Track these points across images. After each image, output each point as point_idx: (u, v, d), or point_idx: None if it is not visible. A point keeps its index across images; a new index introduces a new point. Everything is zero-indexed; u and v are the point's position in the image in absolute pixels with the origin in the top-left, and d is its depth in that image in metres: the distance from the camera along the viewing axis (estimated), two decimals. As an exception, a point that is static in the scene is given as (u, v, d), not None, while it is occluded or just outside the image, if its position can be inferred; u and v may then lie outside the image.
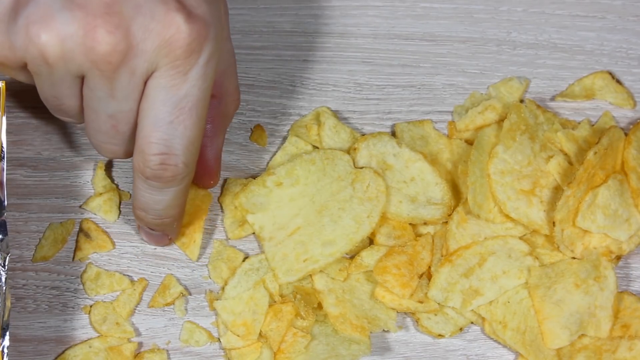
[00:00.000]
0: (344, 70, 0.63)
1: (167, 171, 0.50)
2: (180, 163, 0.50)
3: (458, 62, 0.63)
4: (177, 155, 0.49)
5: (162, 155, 0.49)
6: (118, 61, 0.47)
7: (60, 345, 0.57)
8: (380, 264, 0.57)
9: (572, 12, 0.65)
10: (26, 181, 0.59)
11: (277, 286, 0.57)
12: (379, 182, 0.57)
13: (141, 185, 0.51)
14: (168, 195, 0.52)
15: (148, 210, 0.53)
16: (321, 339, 0.56)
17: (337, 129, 0.60)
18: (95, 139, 0.51)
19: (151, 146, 0.49)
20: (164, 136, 0.49)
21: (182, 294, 0.58)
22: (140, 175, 0.50)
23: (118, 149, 0.52)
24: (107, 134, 0.51)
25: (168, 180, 0.50)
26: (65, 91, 0.49)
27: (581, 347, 0.56)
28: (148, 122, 0.49)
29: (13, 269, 0.57)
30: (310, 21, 0.64)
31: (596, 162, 0.57)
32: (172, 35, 0.47)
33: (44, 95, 0.51)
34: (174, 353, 0.57)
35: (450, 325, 0.57)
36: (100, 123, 0.50)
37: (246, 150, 0.61)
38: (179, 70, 0.48)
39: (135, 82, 0.48)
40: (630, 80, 0.63)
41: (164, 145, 0.49)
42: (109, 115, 0.49)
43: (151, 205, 0.53)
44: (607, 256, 0.57)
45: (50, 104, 0.51)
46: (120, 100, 0.49)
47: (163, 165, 0.50)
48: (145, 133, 0.49)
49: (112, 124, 0.50)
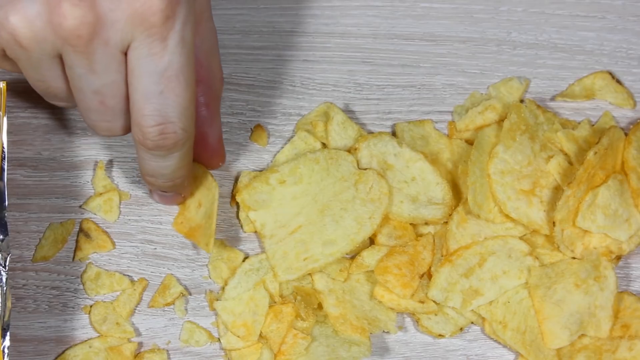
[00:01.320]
0: (344, 70, 0.63)
1: (168, 139, 0.50)
2: (178, 130, 0.50)
3: (458, 62, 0.63)
4: (174, 123, 0.49)
5: (160, 126, 0.49)
6: (88, 34, 0.46)
7: (60, 345, 0.57)
8: (381, 264, 0.57)
9: (572, 12, 0.65)
10: (26, 181, 0.59)
11: (278, 287, 0.57)
12: (382, 184, 0.57)
13: (145, 155, 0.51)
14: (173, 160, 0.52)
15: (157, 176, 0.53)
16: (321, 341, 0.56)
17: (345, 125, 0.60)
18: (88, 118, 0.51)
19: (147, 118, 0.49)
20: (157, 107, 0.49)
21: (182, 294, 0.58)
22: (142, 147, 0.50)
23: (112, 125, 0.51)
24: (97, 111, 0.50)
25: (170, 147, 0.50)
26: (47, 73, 0.49)
27: (581, 347, 0.56)
28: (139, 96, 0.48)
29: (13, 269, 0.57)
30: (310, 21, 0.64)
31: (596, 162, 0.57)
32: (144, 3, 0.47)
33: (31, 81, 0.51)
34: (174, 353, 0.57)
35: (451, 325, 0.57)
36: (87, 101, 0.50)
37: (246, 150, 0.61)
38: (156, 37, 0.47)
39: (111, 52, 0.47)
40: (630, 80, 0.63)
41: (159, 116, 0.49)
42: (94, 92, 0.49)
43: (159, 171, 0.53)
44: (607, 256, 0.57)
45: (39, 89, 0.51)
46: (101, 74, 0.48)
47: (162, 135, 0.49)
48: (139, 106, 0.49)
49: (99, 100, 0.49)
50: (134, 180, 0.60)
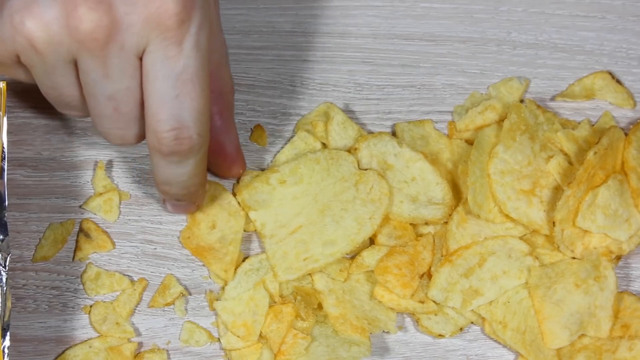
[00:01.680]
0: (344, 70, 0.63)
1: (183, 145, 0.49)
2: (194, 135, 0.49)
3: (458, 62, 0.63)
4: (190, 127, 0.49)
5: (175, 131, 0.49)
6: (104, 37, 0.46)
7: (60, 345, 0.57)
8: (382, 264, 0.57)
9: (572, 12, 0.65)
10: (26, 181, 0.59)
11: (278, 287, 0.57)
12: (383, 185, 0.57)
13: (159, 162, 0.51)
14: (188, 167, 0.51)
15: (172, 184, 0.53)
16: (321, 341, 0.56)
17: (345, 125, 0.60)
18: (102, 126, 0.51)
19: (162, 123, 0.49)
20: (173, 111, 0.48)
21: (182, 294, 0.58)
22: (157, 154, 0.50)
23: (125, 133, 0.51)
24: (110, 118, 0.50)
25: (185, 153, 0.50)
26: (61, 80, 0.49)
27: (581, 347, 0.56)
28: (154, 101, 0.48)
29: (13, 269, 0.57)
30: (310, 21, 0.64)
31: (596, 162, 0.57)
32: (159, 6, 0.47)
33: (43, 89, 0.50)
34: (174, 353, 0.57)
35: (451, 325, 0.57)
36: (101, 108, 0.50)
37: (246, 150, 0.61)
38: (172, 41, 0.47)
39: (126, 57, 0.47)
40: (630, 80, 0.63)
41: (175, 121, 0.49)
42: (108, 97, 0.49)
43: (174, 178, 0.52)
44: (607, 256, 0.57)
45: (51, 97, 0.51)
46: (115, 80, 0.48)
47: (178, 140, 0.49)
48: (154, 111, 0.48)
49: (113, 106, 0.49)
50: (134, 180, 0.60)
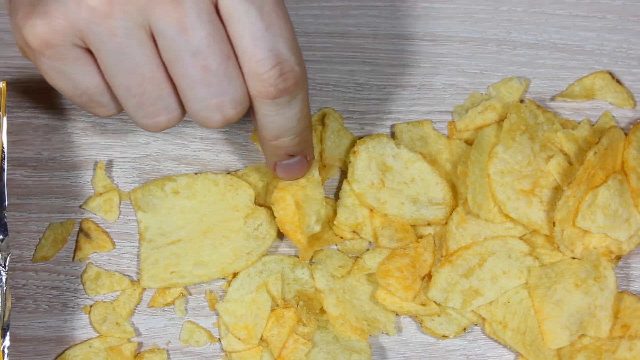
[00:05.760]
0: (344, 70, 0.63)
1: (289, 79, 0.49)
2: (295, 66, 0.49)
3: (458, 62, 0.63)
4: (289, 60, 0.48)
5: (277, 67, 0.48)
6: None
7: (60, 345, 0.57)
8: (383, 267, 0.57)
9: (572, 12, 0.65)
10: (26, 181, 0.59)
11: (280, 290, 0.57)
12: (272, 226, 0.57)
13: (269, 111, 0.50)
14: (297, 106, 0.51)
15: (285, 133, 0.52)
16: (322, 347, 0.56)
17: (339, 134, 0.60)
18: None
19: (262, 64, 0.48)
20: (269, 45, 0.48)
21: (182, 294, 0.58)
22: (266, 101, 0.49)
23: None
24: (199, 81, 0.48)
25: (293, 89, 0.49)
26: (134, 54, 0.48)
27: (581, 347, 0.56)
28: (247, 42, 0.47)
29: (13, 269, 0.57)
30: (310, 21, 0.64)
31: (596, 162, 0.57)
32: None
33: (109, 69, 0.48)
34: (174, 353, 0.57)
35: (454, 326, 0.57)
36: (187, 70, 0.47)
37: (246, 150, 0.61)
38: None
39: (202, 3, 0.47)
40: (630, 80, 0.63)
41: (273, 56, 0.48)
42: (193, 54, 0.47)
43: (286, 125, 0.51)
44: (607, 256, 0.58)
45: (117, 84, 0.49)
46: (197, 28, 0.47)
47: (283, 76, 0.48)
48: (250, 53, 0.48)
49: (201, 64, 0.48)
50: (134, 180, 0.60)
